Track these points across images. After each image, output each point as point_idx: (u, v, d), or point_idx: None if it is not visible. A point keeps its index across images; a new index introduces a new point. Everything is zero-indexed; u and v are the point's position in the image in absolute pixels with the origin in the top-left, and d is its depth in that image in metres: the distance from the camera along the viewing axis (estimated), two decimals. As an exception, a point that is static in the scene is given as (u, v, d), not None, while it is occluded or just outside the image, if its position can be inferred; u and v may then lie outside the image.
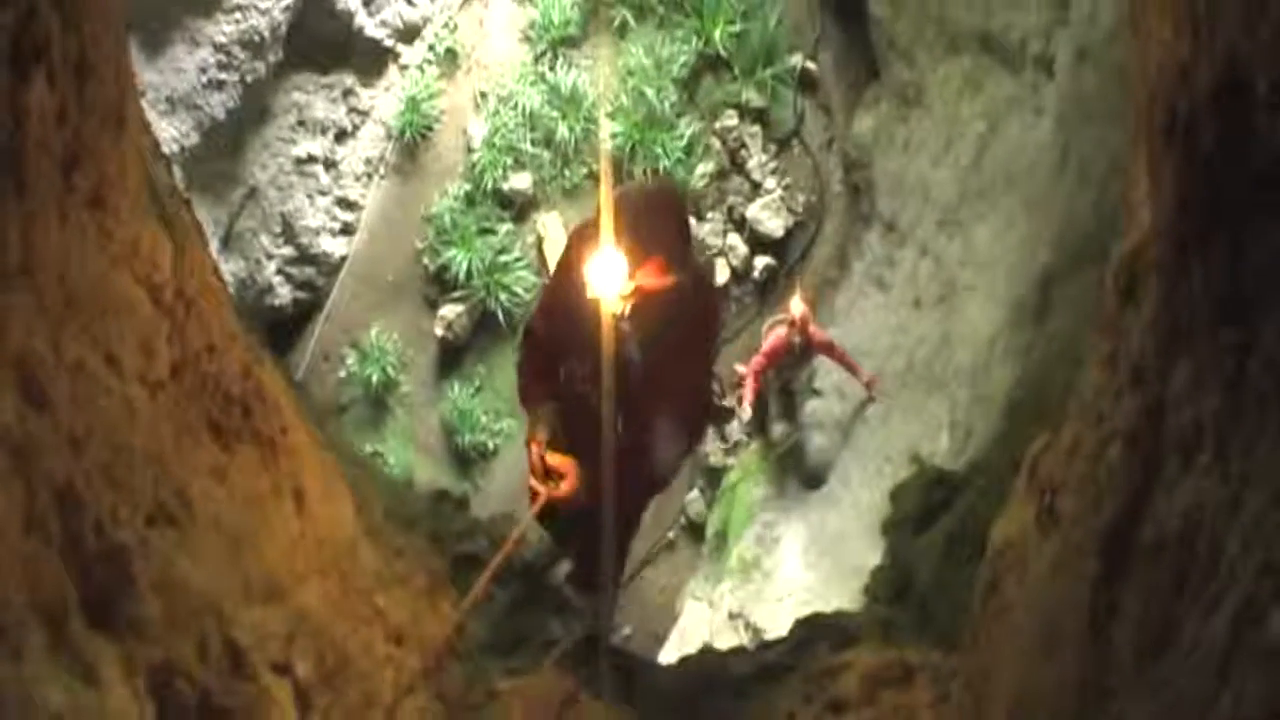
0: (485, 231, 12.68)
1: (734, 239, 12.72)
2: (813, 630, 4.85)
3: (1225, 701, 1.41)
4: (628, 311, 4.66)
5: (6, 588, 2.19)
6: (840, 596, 8.18)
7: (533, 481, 4.86)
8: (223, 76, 11.25)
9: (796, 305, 10.93)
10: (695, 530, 12.59)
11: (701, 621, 11.24)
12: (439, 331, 12.76)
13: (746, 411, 11.43)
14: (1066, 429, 2.44)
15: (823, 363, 11.41)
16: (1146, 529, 1.79)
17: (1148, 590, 1.74)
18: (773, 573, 10.98)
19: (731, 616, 10.88)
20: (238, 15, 11.10)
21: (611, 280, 4.49)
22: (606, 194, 4.63)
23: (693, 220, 12.47)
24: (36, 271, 2.47)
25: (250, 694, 2.85)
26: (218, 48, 11.12)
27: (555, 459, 4.77)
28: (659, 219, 4.57)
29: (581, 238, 4.83)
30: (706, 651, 5.96)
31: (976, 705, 2.63)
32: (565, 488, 4.78)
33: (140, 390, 2.90)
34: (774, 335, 11.14)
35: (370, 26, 12.67)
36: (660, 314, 4.64)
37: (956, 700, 3.03)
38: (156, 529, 2.81)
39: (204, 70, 11.10)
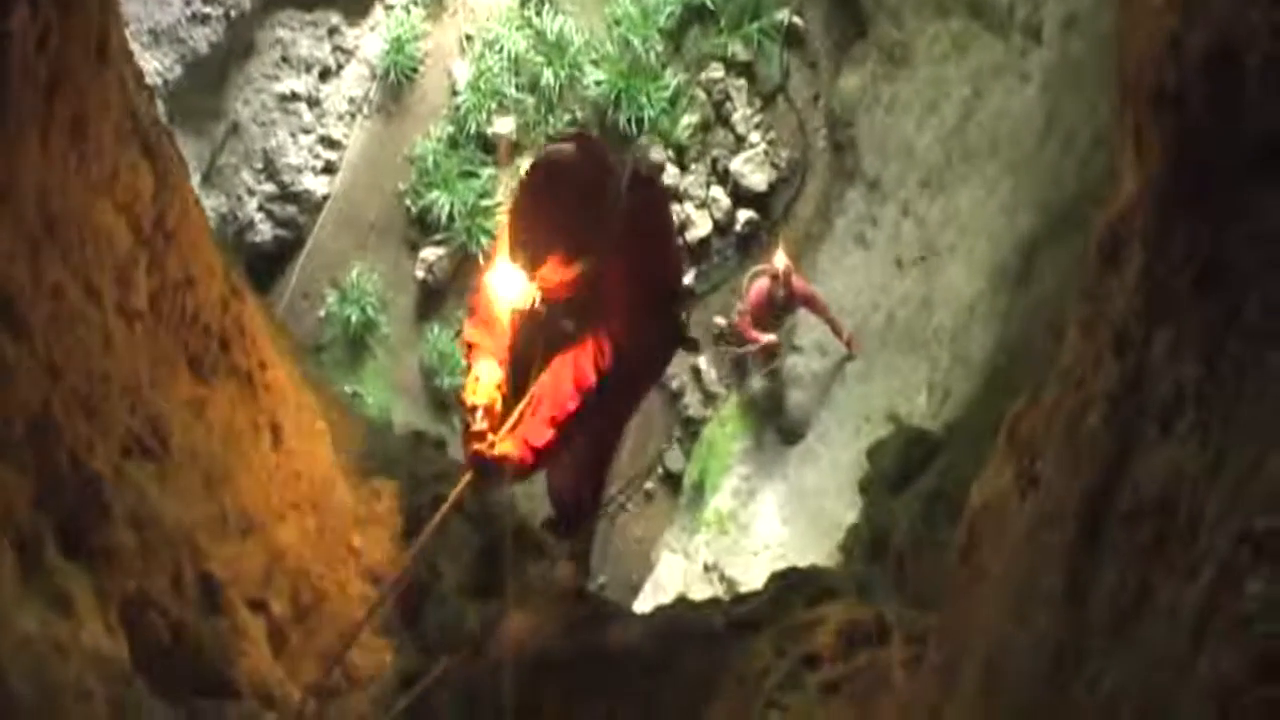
0: (468, 175, 12.61)
1: (717, 191, 12.68)
2: (788, 583, 4.86)
3: (1202, 665, 1.41)
4: (538, 302, 4.52)
5: (-21, 515, 2.19)
6: (816, 552, 8.21)
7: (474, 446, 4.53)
8: (207, 10, 11.16)
9: (780, 259, 10.91)
10: (672, 481, 12.60)
11: (676, 572, 11.28)
12: (419, 274, 12.73)
13: (767, 339, 11.33)
14: (1047, 392, 2.44)
15: (804, 319, 11.41)
16: (1125, 495, 1.79)
17: (1126, 555, 1.74)
18: (749, 526, 11.03)
19: (707, 569, 10.92)
20: (223, -51, 11.02)
21: (516, 289, 4.38)
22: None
23: (676, 170, 12.47)
24: (16, 197, 2.44)
25: (224, 628, 2.85)
26: (203, -20, 11.05)
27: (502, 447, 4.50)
28: (556, 206, 4.37)
29: (513, 203, 4.65)
30: (680, 602, 5.97)
31: (950, 665, 2.64)
32: (522, 458, 4.55)
33: (118, 320, 2.89)
34: (756, 286, 11.12)
35: (357, -36, 12.59)
36: (605, 252, 4.46)
37: (930, 659, 3.04)
38: (132, 460, 2.80)
39: (189, 4, 11.02)
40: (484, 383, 4.54)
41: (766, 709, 3.78)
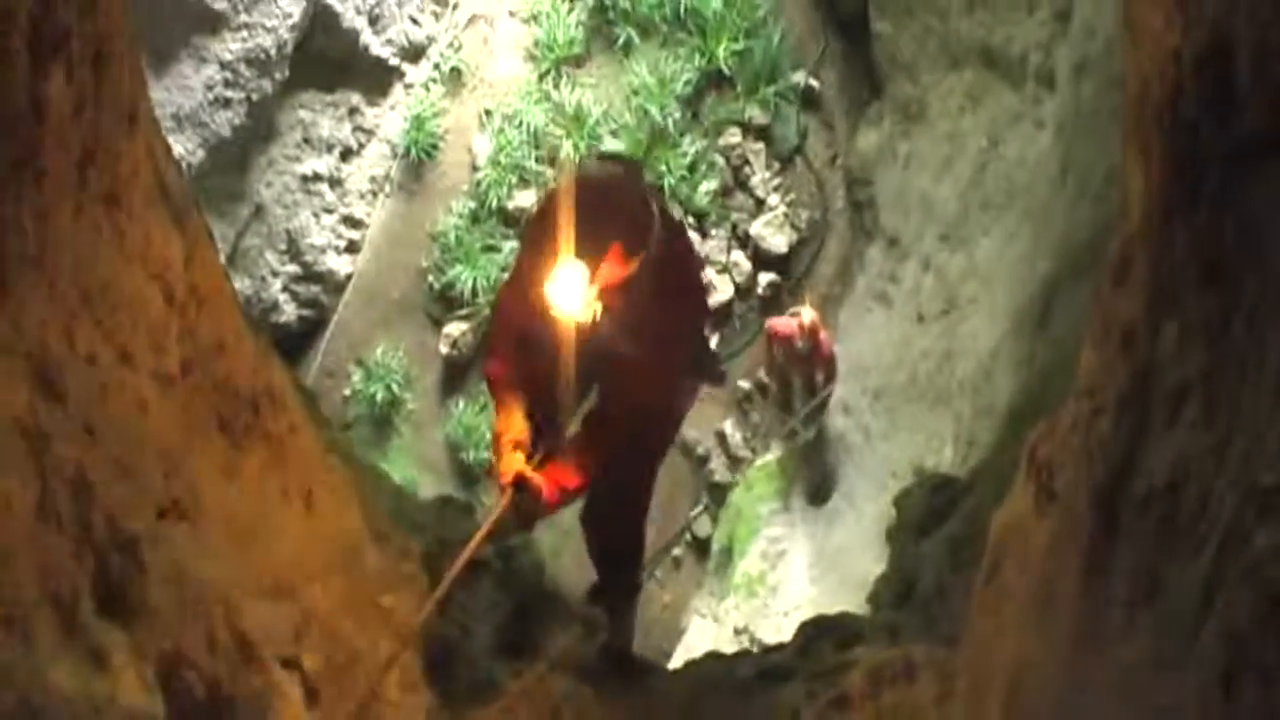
0: (490, 249, 12.71)
1: (738, 255, 12.76)
2: (817, 631, 4.87)
3: (1213, 621, 1.44)
4: (599, 314, 4.54)
5: (18, 574, 2.22)
6: (846, 610, 8.17)
7: (503, 479, 4.63)
8: (229, 94, 11.29)
9: (808, 312, 11.04)
10: (700, 547, 12.59)
11: (706, 637, 11.24)
12: (444, 349, 12.79)
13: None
14: (1064, 412, 2.48)
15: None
16: (1137, 484, 1.82)
17: (1139, 539, 1.77)
18: (778, 588, 11.00)
19: (736, 632, 10.88)
20: (244, 33, 11.14)
21: (575, 293, 4.39)
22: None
23: (697, 236, 12.55)
24: (51, 264, 2.51)
25: (258, 685, 2.87)
26: (224, 65, 11.17)
27: (526, 469, 4.57)
28: (609, 203, 4.43)
29: (545, 217, 4.70)
30: (710, 655, 5.98)
31: (976, 688, 2.65)
32: (548, 497, 4.61)
33: (151, 385, 2.94)
34: (785, 322, 11.23)
35: (375, 45, 12.74)
36: (636, 289, 4.50)
37: (961, 694, 3.06)
38: (167, 522, 2.85)
39: (210, 88, 11.15)
40: (515, 421, 4.62)
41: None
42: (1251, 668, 1.36)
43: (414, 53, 13.13)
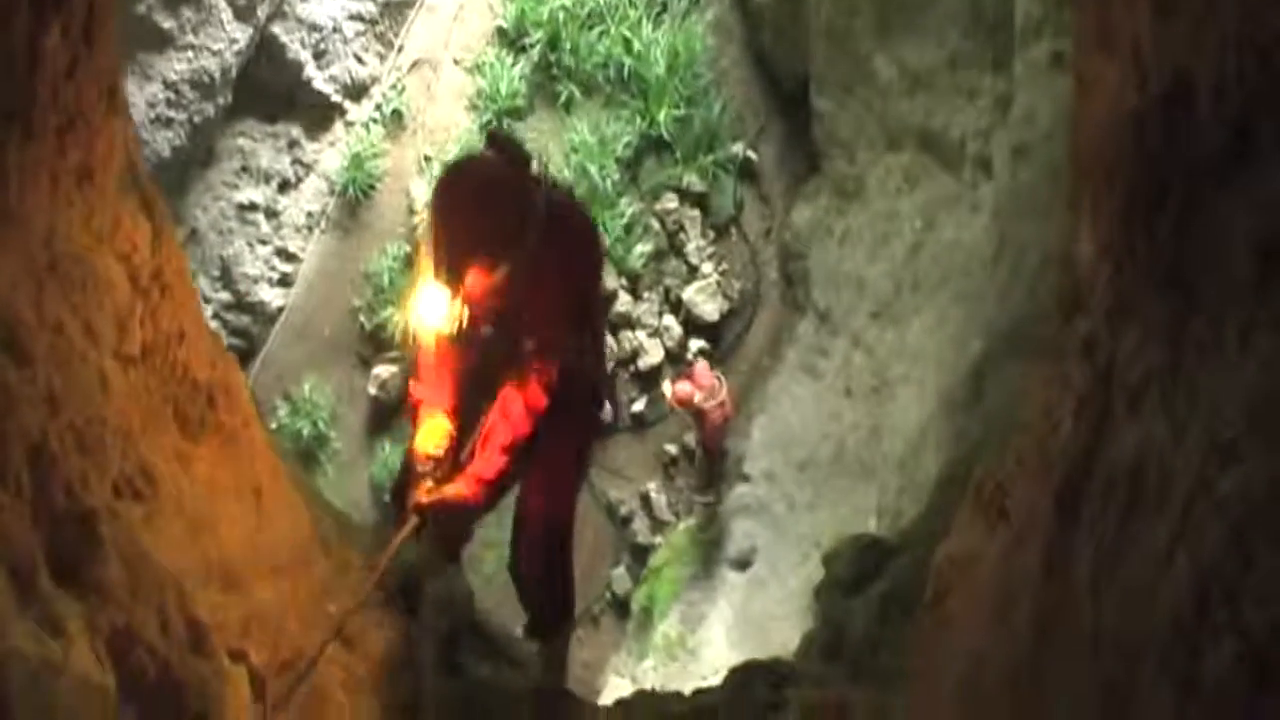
0: (423, 294, 12.62)
1: (669, 320, 12.78)
2: (748, 674, 4.88)
3: (1180, 560, 1.48)
4: (468, 317, 4.57)
5: (-26, 537, 2.20)
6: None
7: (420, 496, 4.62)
8: (171, 114, 11.19)
9: (717, 380, 11.18)
10: (620, 607, 12.52)
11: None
12: (372, 390, 12.66)
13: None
14: (1014, 445, 2.52)
15: (750, 447, 11.52)
16: (1098, 476, 1.87)
17: (1101, 525, 1.82)
18: (697, 651, 10.96)
19: (655, 693, 10.80)
20: (189, 54, 11.05)
21: (441, 310, 4.46)
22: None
23: (629, 298, 12.59)
24: (24, 227, 2.49)
25: (208, 672, 2.84)
26: (168, 84, 11.08)
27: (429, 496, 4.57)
28: (480, 202, 4.43)
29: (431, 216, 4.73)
30: (640, 693, 5.95)
31: (922, 705, 2.67)
32: (460, 500, 4.60)
33: (114, 364, 2.93)
34: (703, 371, 11.30)
35: (319, 80, 12.67)
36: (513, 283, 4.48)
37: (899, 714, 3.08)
38: (123, 501, 2.82)
39: (153, 105, 11.04)
40: (436, 432, 4.61)
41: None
42: (1219, 593, 1.39)
43: (356, 91, 13.07)
